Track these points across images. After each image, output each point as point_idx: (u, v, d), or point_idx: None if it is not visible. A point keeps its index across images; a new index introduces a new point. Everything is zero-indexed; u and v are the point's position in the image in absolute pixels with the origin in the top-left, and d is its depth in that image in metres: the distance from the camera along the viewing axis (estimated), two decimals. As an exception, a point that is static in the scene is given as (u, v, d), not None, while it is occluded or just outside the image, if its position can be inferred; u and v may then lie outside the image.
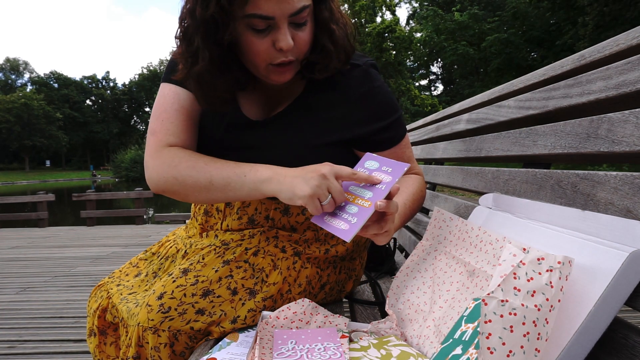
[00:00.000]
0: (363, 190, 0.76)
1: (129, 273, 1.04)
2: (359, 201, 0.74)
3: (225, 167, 0.83)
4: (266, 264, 0.89)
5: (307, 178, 0.74)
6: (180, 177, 0.84)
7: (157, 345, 0.80)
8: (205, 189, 0.83)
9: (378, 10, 35.16)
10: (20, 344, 2.06)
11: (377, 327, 0.77)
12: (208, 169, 0.83)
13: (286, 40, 0.77)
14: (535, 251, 0.51)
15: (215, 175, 0.82)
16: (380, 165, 0.79)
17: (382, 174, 0.77)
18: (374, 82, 0.91)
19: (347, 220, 0.72)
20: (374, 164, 0.80)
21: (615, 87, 0.65)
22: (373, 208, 0.71)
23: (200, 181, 0.82)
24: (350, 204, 0.75)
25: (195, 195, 0.85)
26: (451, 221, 0.80)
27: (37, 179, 52.89)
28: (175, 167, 0.84)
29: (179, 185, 0.84)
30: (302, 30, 0.80)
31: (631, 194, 0.56)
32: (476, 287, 0.67)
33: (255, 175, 0.80)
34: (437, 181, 1.69)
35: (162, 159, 0.86)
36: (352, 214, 0.73)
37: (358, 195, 0.75)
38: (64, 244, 4.92)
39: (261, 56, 0.79)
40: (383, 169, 0.78)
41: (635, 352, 0.47)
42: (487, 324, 0.46)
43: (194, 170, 0.83)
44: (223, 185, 0.81)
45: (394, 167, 0.77)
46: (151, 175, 0.88)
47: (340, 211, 0.75)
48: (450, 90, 39.73)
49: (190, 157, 0.85)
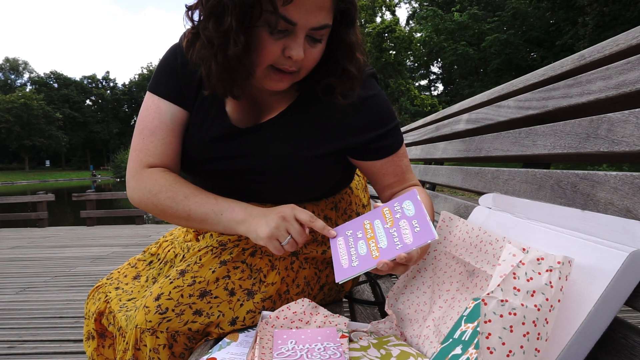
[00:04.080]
0: (384, 232, 0.72)
1: (127, 274, 1.04)
2: (372, 244, 0.71)
3: (204, 203, 0.84)
4: (264, 265, 0.89)
5: (268, 220, 0.79)
6: (160, 205, 0.86)
7: (155, 347, 0.79)
8: (183, 219, 0.86)
9: (378, 11, 35.19)
10: (20, 344, 2.06)
11: (376, 327, 0.77)
12: (187, 203, 0.84)
13: (298, 50, 0.75)
14: (535, 251, 0.51)
15: (194, 210, 0.84)
16: (414, 216, 0.71)
17: (407, 229, 0.70)
18: (370, 91, 0.89)
19: (351, 259, 0.71)
20: (411, 210, 0.73)
21: (615, 87, 0.65)
22: (376, 264, 0.68)
23: (179, 213, 0.85)
24: (365, 242, 0.73)
25: (174, 222, 0.88)
26: (451, 221, 0.80)
27: (37, 179, 52.90)
28: (155, 195, 0.86)
29: (158, 211, 0.87)
30: (315, 47, 0.78)
31: (631, 194, 0.56)
32: (476, 287, 0.67)
33: (231, 216, 0.82)
34: (437, 181, 1.69)
35: (143, 182, 0.88)
36: (358, 255, 0.71)
37: (376, 236, 0.72)
38: (64, 244, 4.92)
39: (267, 57, 0.76)
40: (413, 223, 0.70)
41: (635, 352, 0.47)
42: (487, 323, 0.46)
43: (173, 202, 0.85)
44: (200, 219, 0.84)
45: (422, 229, 0.69)
46: (132, 195, 0.90)
47: (353, 243, 0.73)
48: (450, 90, 39.74)
49: (170, 188, 0.86)
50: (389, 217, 0.74)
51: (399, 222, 0.72)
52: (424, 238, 0.67)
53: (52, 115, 61.30)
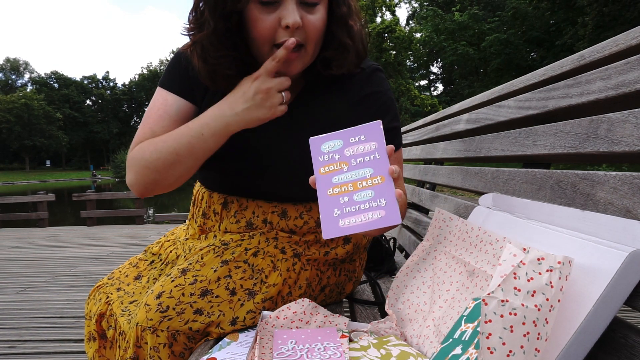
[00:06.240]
0: (356, 171, 0.66)
1: (128, 274, 1.04)
2: (365, 183, 0.65)
3: (181, 134, 0.83)
4: (265, 265, 0.89)
5: (240, 91, 0.79)
6: (149, 163, 0.84)
7: (156, 345, 0.80)
8: (176, 162, 0.83)
9: (378, 11, 35.17)
10: (20, 343, 2.06)
11: (377, 327, 0.77)
12: (168, 144, 0.83)
13: (293, 16, 0.75)
14: (535, 251, 0.52)
15: (177, 147, 0.82)
16: (346, 140, 0.68)
17: (358, 145, 0.67)
18: (378, 86, 0.91)
19: (374, 207, 0.63)
20: (336, 143, 0.69)
21: (615, 87, 0.65)
22: (389, 178, 0.63)
23: (168, 158, 0.83)
24: (357, 193, 0.65)
25: (172, 173, 0.84)
26: (451, 221, 0.80)
27: (38, 179, 52.87)
28: (141, 157, 0.85)
29: (151, 171, 0.84)
30: (312, 13, 0.79)
31: (630, 194, 0.56)
32: (476, 287, 0.67)
33: (210, 127, 0.81)
34: (437, 181, 1.69)
35: (132, 159, 0.87)
36: (371, 199, 0.64)
37: (357, 179, 0.66)
38: (64, 244, 4.92)
39: (265, 33, 0.78)
40: (352, 140, 0.67)
41: (635, 352, 0.47)
42: (487, 323, 0.46)
43: (156, 152, 0.83)
44: (189, 151, 0.82)
45: (365, 132, 0.66)
46: (129, 179, 0.89)
47: (353, 206, 0.65)
48: (450, 90, 39.73)
49: (150, 142, 0.85)
50: (336, 166, 0.68)
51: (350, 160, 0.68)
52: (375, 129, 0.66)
53: (52, 116, 61.30)
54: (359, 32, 0.87)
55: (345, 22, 0.84)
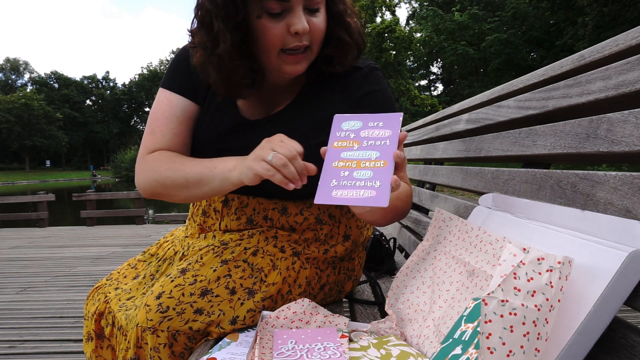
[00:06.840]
0: (364, 152, 0.69)
1: (127, 275, 1.04)
2: (367, 164, 0.68)
3: (199, 163, 0.85)
4: (265, 264, 0.89)
5: (254, 153, 0.79)
6: (160, 179, 0.87)
7: (156, 345, 0.80)
8: (183, 186, 0.86)
9: (378, 11, 35.18)
10: (20, 343, 2.06)
11: (377, 327, 0.77)
12: (183, 168, 0.86)
13: (302, 22, 0.79)
14: (535, 251, 0.52)
15: (189, 173, 0.85)
16: (365, 123, 0.72)
17: (374, 130, 0.70)
18: (377, 84, 0.93)
19: (368, 186, 0.65)
20: (356, 123, 0.73)
21: (615, 87, 0.65)
22: (391, 165, 0.65)
23: (178, 180, 0.86)
24: (358, 170, 0.68)
25: (177, 194, 0.88)
26: (451, 221, 0.80)
27: (37, 179, 52.89)
28: (155, 170, 0.88)
29: (160, 186, 0.88)
30: (315, 16, 0.82)
31: (630, 194, 0.56)
32: (476, 287, 0.67)
33: (224, 166, 0.82)
34: (437, 181, 1.69)
35: (146, 164, 0.90)
36: (368, 179, 0.66)
37: (362, 159, 0.69)
38: (64, 244, 4.92)
39: (275, 41, 0.80)
40: (371, 124, 0.71)
41: (635, 352, 0.47)
42: (487, 323, 0.46)
43: (170, 171, 0.86)
44: (197, 180, 0.84)
45: (385, 120, 0.70)
46: (137, 181, 0.92)
47: (350, 181, 0.67)
48: (450, 90, 39.73)
49: (168, 160, 0.88)
50: (349, 143, 0.72)
51: (362, 141, 0.71)
52: (394, 120, 0.69)
53: (52, 116, 61.28)
54: (356, 27, 0.90)
55: (343, 19, 0.87)
